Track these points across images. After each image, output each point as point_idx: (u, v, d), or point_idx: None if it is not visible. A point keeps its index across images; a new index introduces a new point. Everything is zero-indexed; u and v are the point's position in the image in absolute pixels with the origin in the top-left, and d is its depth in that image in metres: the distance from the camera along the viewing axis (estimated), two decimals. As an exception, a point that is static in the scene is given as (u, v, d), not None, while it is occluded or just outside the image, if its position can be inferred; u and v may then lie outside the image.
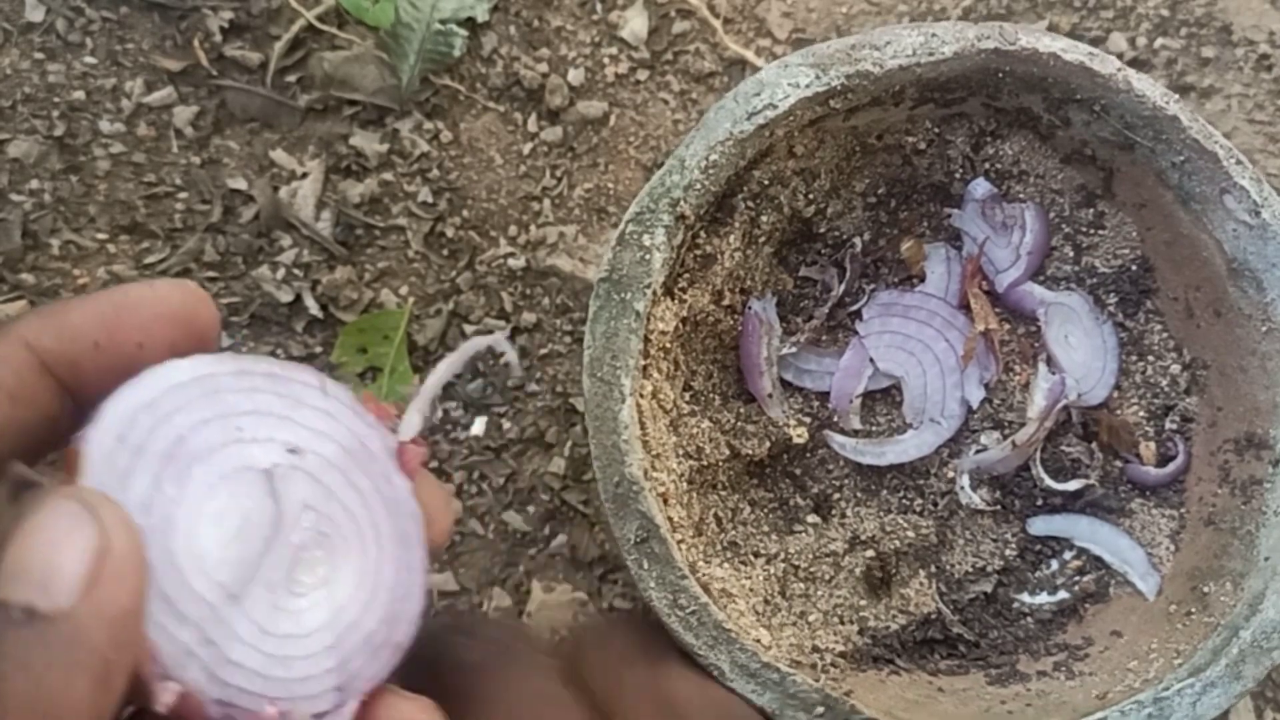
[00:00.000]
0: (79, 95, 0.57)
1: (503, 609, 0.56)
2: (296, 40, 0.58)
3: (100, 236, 0.57)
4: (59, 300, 0.51)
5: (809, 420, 0.50)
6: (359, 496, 0.29)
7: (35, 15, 0.58)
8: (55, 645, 0.22)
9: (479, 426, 0.57)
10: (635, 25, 0.59)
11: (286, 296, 0.57)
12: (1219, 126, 0.53)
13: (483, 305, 0.58)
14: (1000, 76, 0.44)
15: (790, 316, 0.51)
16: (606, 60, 0.59)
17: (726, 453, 0.47)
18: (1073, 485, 0.49)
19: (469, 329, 0.58)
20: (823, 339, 0.51)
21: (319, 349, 0.57)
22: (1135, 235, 0.49)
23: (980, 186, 0.50)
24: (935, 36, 0.43)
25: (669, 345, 0.44)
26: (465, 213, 0.59)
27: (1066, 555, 0.50)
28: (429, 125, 0.59)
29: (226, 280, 0.57)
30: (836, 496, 0.50)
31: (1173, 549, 0.48)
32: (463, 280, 0.58)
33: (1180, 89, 0.60)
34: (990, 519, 0.50)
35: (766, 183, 0.46)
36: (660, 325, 0.43)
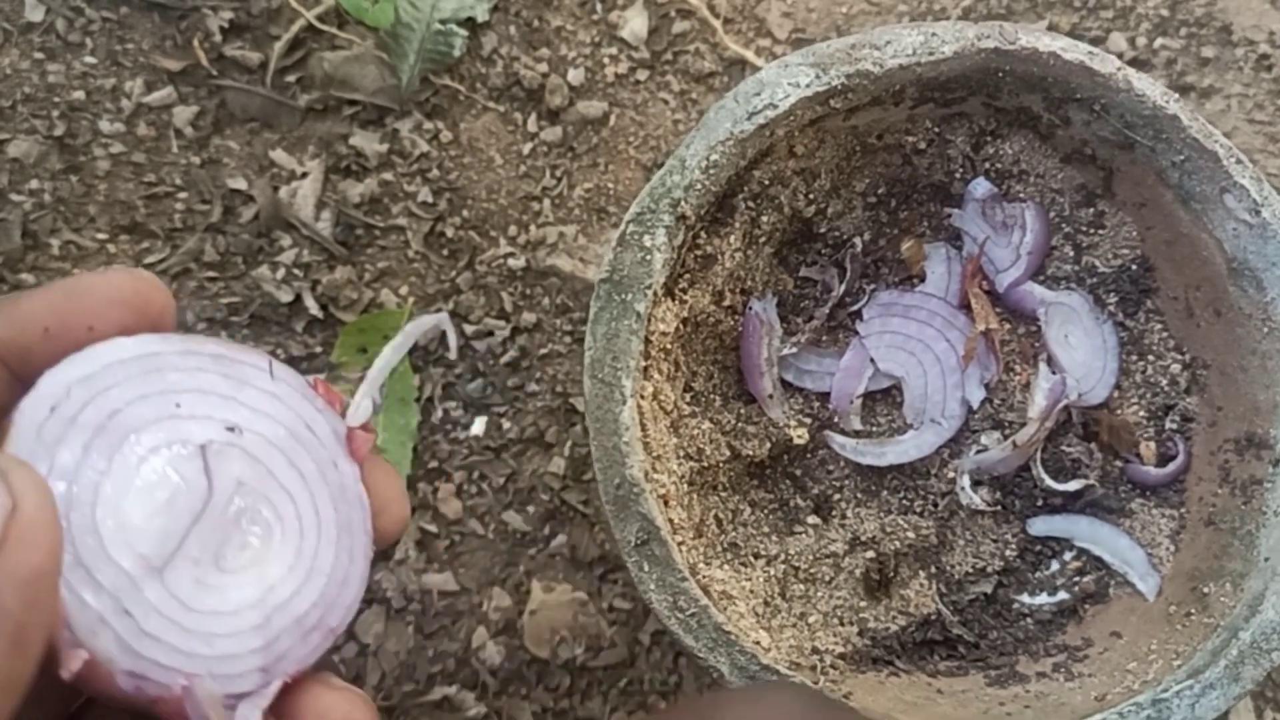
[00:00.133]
0: (79, 95, 0.57)
1: (503, 609, 0.56)
2: (296, 40, 0.58)
3: (100, 236, 0.57)
4: (13, 293, 0.51)
5: (809, 421, 0.50)
6: (301, 479, 0.28)
7: (35, 15, 0.58)
8: None
9: (479, 426, 0.57)
10: (635, 25, 0.59)
11: (286, 296, 0.57)
12: (1219, 126, 0.53)
13: (483, 305, 0.58)
14: (1000, 76, 0.44)
15: (790, 317, 0.51)
16: (606, 60, 0.59)
17: (727, 454, 0.47)
18: (1073, 485, 0.49)
19: (469, 329, 0.58)
20: (823, 339, 0.51)
21: (319, 349, 0.57)
22: (1135, 235, 0.49)
23: (980, 186, 0.50)
24: (935, 36, 0.43)
25: (670, 346, 0.44)
26: (465, 213, 0.59)
27: (1066, 556, 0.50)
28: (429, 125, 0.59)
29: (226, 280, 0.57)
30: (837, 497, 0.50)
31: (1173, 549, 0.48)
32: (463, 280, 0.58)
33: (1180, 89, 0.60)
34: (990, 519, 0.50)
35: (767, 183, 0.46)
36: (661, 326, 0.43)
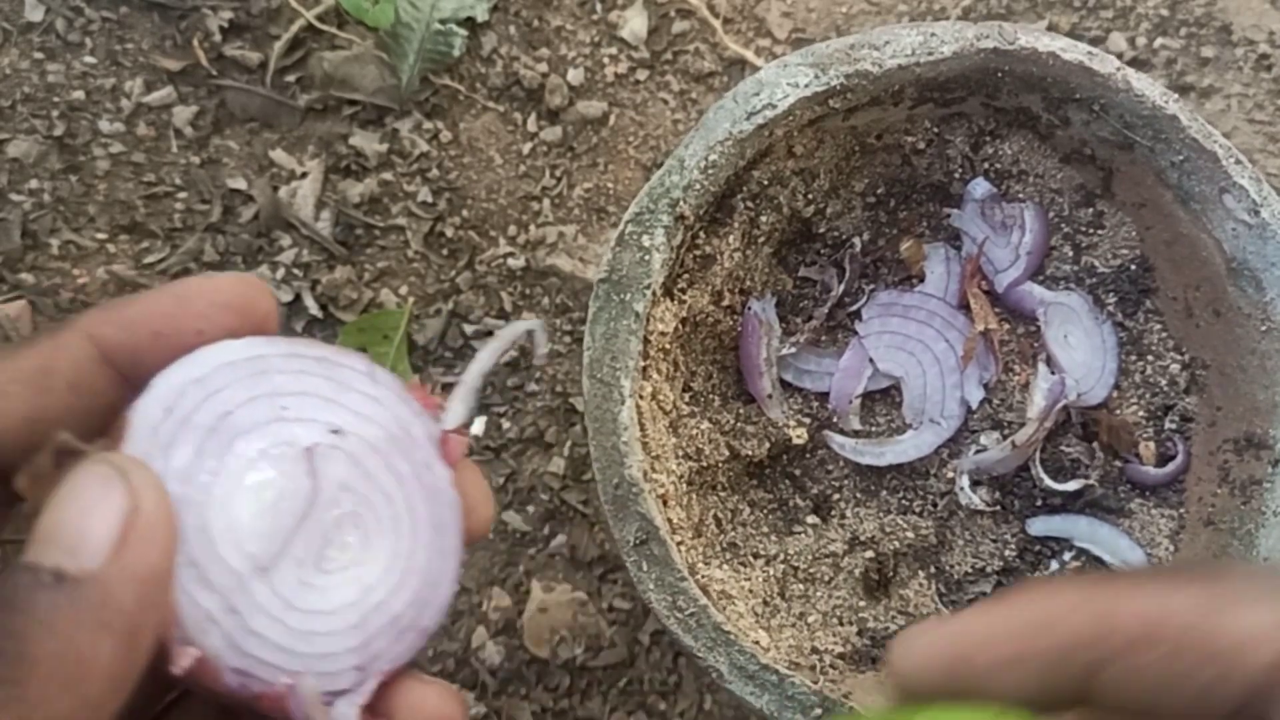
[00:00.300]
0: (79, 95, 0.57)
1: (502, 609, 0.56)
2: (296, 40, 0.58)
3: (100, 236, 0.57)
4: (121, 297, 0.52)
5: (809, 421, 0.50)
6: (398, 481, 0.29)
7: (35, 15, 0.58)
8: (82, 607, 0.23)
9: (479, 426, 0.57)
10: (635, 25, 0.59)
11: (286, 296, 0.57)
12: (1219, 126, 0.53)
13: (482, 305, 0.58)
14: (999, 76, 0.44)
15: (790, 317, 0.51)
16: (606, 60, 0.59)
17: (726, 454, 0.47)
18: (1072, 485, 0.49)
19: (469, 329, 0.58)
20: (822, 339, 0.51)
21: (319, 349, 0.57)
22: (1135, 235, 0.49)
23: (980, 186, 0.50)
24: (934, 36, 0.43)
25: (669, 346, 0.44)
26: (465, 212, 0.59)
27: (1066, 556, 0.50)
28: (429, 125, 0.59)
29: (226, 280, 0.57)
30: (836, 497, 0.50)
31: (1172, 549, 0.48)
32: (462, 280, 0.58)
33: (1180, 89, 0.60)
34: (990, 519, 0.50)
35: (766, 183, 0.46)
36: (660, 326, 0.43)
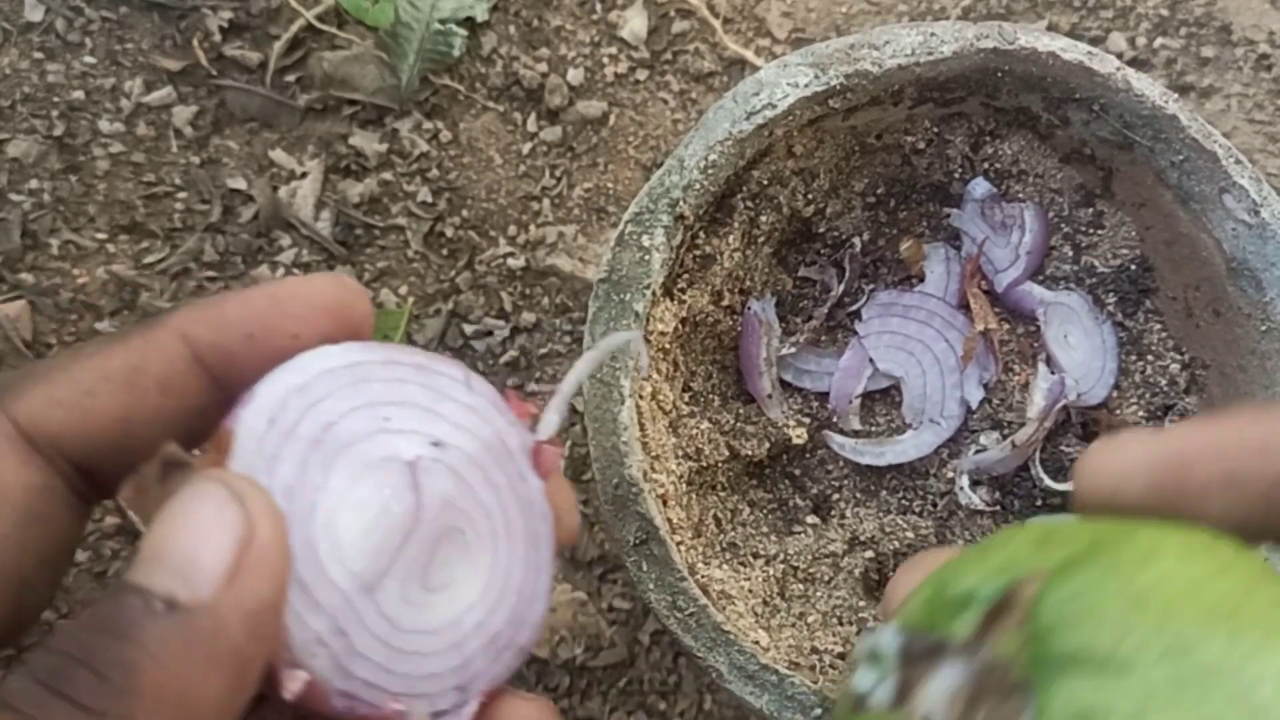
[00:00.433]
0: (78, 95, 0.57)
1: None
2: (296, 40, 0.58)
3: (100, 236, 0.57)
4: (214, 295, 0.51)
5: (808, 421, 0.50)
6: (495, 494, 0.28)
7: (35, 15, 0.58)
8: (194, 639, 0.22)
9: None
10: (635, 25, 0.59)
11: (286, 296, 0.57)
12: (1219, 126, 0.53)
13: (482, 305, 0.58)
14: (999, 76, 0.44)
15: (790, 317, 0.51)
16: (606, 60, 0.59)
17: (726, 454, 0.47)
18: (1072, 485, 0.49)
19: (468, 329, 0.58)
20: (822, 339, 0.51)
21: (318, 349, 0.57)
22: (1134, 235, 0.49)
23: (979, 186, 0.50)
24: (934, 36, 0.43)
25: (668, 346, 0.44)
26: (465, 212, 0.59)
27: (1066, 555, 0.50)
28: (428, 125, 0.59)
29: (226, 280, 0.57)
30: (836, 497, 0.50)
31: (1172, 549, 0.48)
32: (462, 280, 0.58)
33: (1180, 89, 0.60)
34: (990, 519, 0.50)
35: (765, 183, 0.46)
36: (659, 326, 0.43)
